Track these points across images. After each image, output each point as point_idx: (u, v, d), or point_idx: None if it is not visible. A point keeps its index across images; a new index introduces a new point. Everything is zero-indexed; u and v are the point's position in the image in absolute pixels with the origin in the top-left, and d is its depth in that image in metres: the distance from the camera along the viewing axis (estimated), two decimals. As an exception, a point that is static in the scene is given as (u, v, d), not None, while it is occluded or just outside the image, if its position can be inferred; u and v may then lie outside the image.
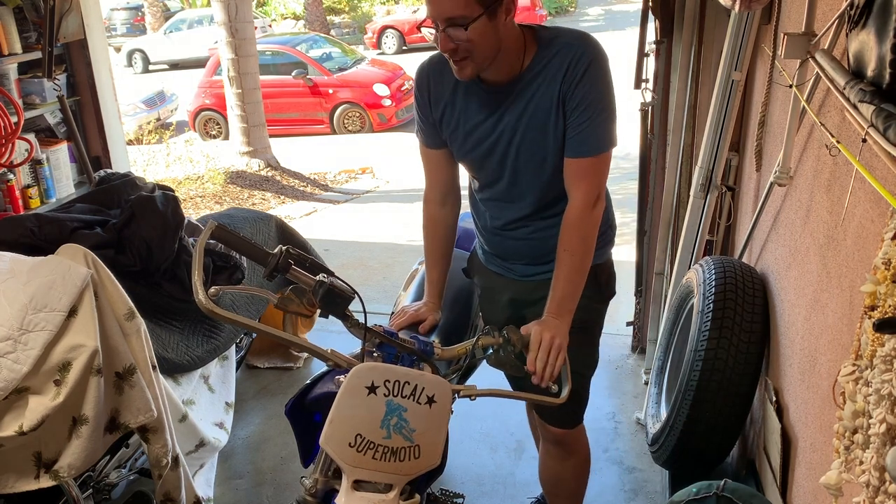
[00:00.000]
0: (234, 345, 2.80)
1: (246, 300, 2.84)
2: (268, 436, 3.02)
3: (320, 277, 1.46)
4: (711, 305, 2.03)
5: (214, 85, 9.86)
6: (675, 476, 2.22)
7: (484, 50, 1.56)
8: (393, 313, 1.99)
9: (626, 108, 1.72)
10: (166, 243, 2.51)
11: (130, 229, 2.46)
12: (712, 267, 2.15)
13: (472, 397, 1.49)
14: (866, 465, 0.94)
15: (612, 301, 1.97)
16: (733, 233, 2.71)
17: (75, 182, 3.52)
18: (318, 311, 1.47)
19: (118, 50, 16.63)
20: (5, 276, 1.76)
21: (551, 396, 1.54)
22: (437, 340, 1.69)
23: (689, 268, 2.52)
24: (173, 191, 2.85)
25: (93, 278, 1.83)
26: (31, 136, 3.22)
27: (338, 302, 1.44)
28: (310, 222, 6.85)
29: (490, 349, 1.59)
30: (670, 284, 2.87)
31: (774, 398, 1.92)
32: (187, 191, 7.57)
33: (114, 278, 1.92)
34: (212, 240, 1.45)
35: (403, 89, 10.44)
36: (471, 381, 1.90)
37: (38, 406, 1.71)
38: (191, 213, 4.99)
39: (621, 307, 3.78)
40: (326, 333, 3.53)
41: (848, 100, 1.06)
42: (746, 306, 2.03)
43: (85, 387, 1.78)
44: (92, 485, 2.17)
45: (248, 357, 3.45)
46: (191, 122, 10.48)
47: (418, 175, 2.03)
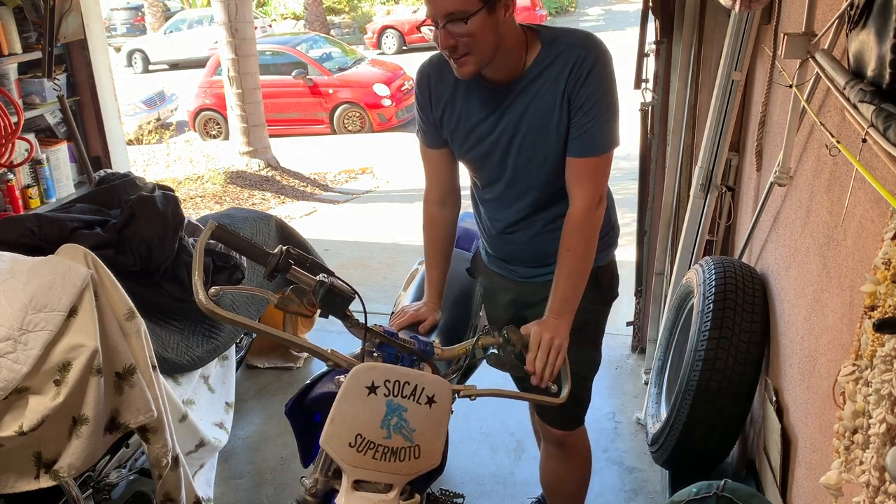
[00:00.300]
0: (234, 345, 2.80)
1: (246, 300, 2.84)
2: (268, 436, 3.02)
3: (320, 277, 1.46)
4: (711, 305, 2.03)
5: (214, 85, 9.86)
6: (675, 476, 2.22)
7: (484, 46, 1.56)
8: (393, 313, 1.99)
9: (627, 108, 1.72)
10: (166, 243, 2.51)
11: (130, 229, 2.46)
12: (712, 267, 2.15)
13: (472, 397, 1.49)
14: (866, 465, 0.94)
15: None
16: (733, 233, 2.71)
17: (75, 182, 3.52)
18: (318, 311, 1.47)
19: (118, 50, 16.63)
20: (5, 276, 1.76)
21: (551, 396, 1.54)
22: (437, 340, 1.69)
23: (689, 268, 2.52)
24: (173, 191, 2.85)
25: (93, 278, 1.83)
26: (31, 136, 3.22)
27: (338, 302, 1.44)
28: (310, 222, 6.85)
29: (490, 349, 1.59)
30: (670, 284, 2.87)
31: (774, 398, 1.92)
32: (187, 191, 7.58)
33: (114, 278, 1.92)
34: (212, 240, 1.45)
35: (403, 89, 10.44)
36: (471, 381, 1.90)
37: (38, 406, 1.71)
38: (191, 213, 4.99)
39: (621, 307, 3.77)
40: (326, 333, 3.54)
41: (848, 100, 1.06)
42: (746, 306, 2.03)
43: (85, 387, 1.78)
44: (92, 485, 2.17)
45: (248, 357, 3.45)
46: (191, 122, 10.48)
47: (418, 175, 2.03)
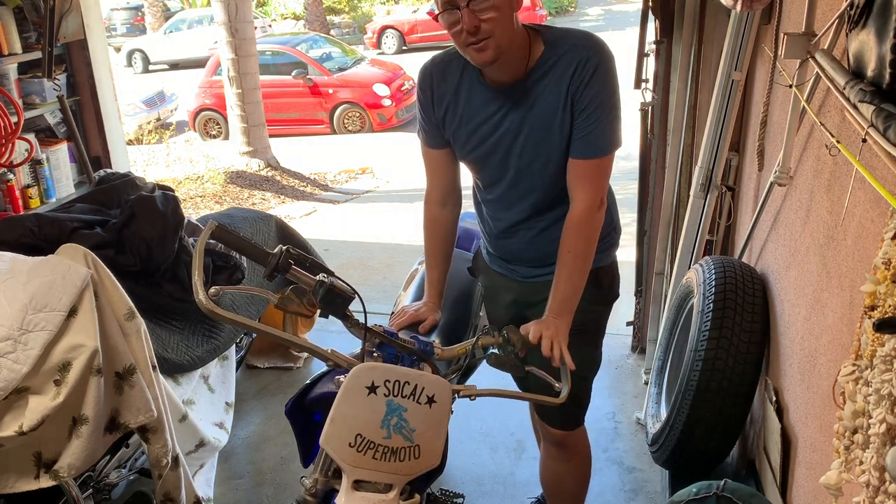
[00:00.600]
0: (234, 345, 2.80)
1: (246, 300, 2.84)
2: (268, 436, 3.02)
3: (320, 277, 1.46)
4: (711, 305, 2.03)
5: (214, 85, 9.85)
6: (675, 476, 2.22)
7: (504, 30, 1.55)
8: (393, 313, 1.99)
9: (627, 108, 1.72)
10: (166, 243, 2.51)
11: (130, 229, 2.46)
12: (712, 267, 2.15)
13: (472, 397, 1.49)
14: (866, 465, 0.94)
15: (613, 301, 1.97)
16: (733, 233, 2.71)
17: (75, 182, 3.52)
18: (318, 311, 1.47)
19: (118, 50, 16.63)
20: (5, 276, 1.76)
21: (551, 397, 1.54)
22: (437, 340, 1.69)
23: (689, 268, 2.52)
24: (173, 191, 2.85)
25: (93, 278, 1.83)
26: (31, 136, 3.22)
27: (338, 302, 1.44)
28: (310, 222, 6.85)
29: (490, 349, 1.59)
30: (670, 284, 2.87)
31: (774, 398, 1.92)
32: (187, 191, 7.57)
33: (114, 278, 1.92)
34: (212, 240, 1.45)
35: (403, 89, 10.44)
36: (471, 381, 1.90)
37: (38, 406, 1.71)
38: (191, 213, 4.98)
39: (621, 307, 3.76)
40: (326, 333, 3.54)
41: (848, 100, 1.06)
42: (746, 306, 2.03)
43: (85, 387, 1.78)
44: (92, 485, 2.17)
45: (248, 357, 3.45)
46: (191, 122, 10.48)
47: (418, 175, 2.03)
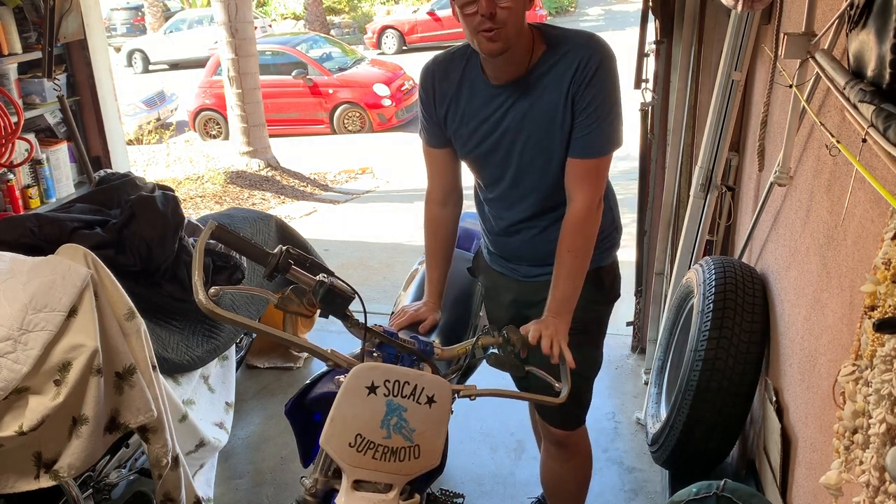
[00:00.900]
0: (234, 345, 2.80)
1: (246, 300, 2.84)
2: (268, 436, 3.02)
3: (320, 277, 1.46)
4: (711, 305, 2.03)
5: (214, 85, 9.85)
6: (675, 476, 2.22)
7: (518, 20, 1.57)
8: (393, 313, 1.99)
9: (627, 108, 1.73)
10: (166, 243, 2.51)
11: (130, 229, 2.46)
12: (712, 267, 2.15)
13: (472, 397, 1.49)
14: (866, 465, 0.94)
15: (612, 301, 1.97)
16: (733, 233, 2.71)
17: (75, 182, 3.52)
18: (318, 311, 1.47)
19: (118, 50, 16.63)
20: (5, 276, 1.76)
21: (551, 396, 1.54)
22: (437, 340, 1.69)
23: (689, 268, 2.52)
24: (173, 191, 2.85)
25: (93, 278, 1.83)
26: (31, 136, 3.22)
27: (338, 302, 1.44)
28: (310, 222, 6.85)
29: (490, 349, 1.59)
30: (670, 284, 2.87)
31: (774, 398, 1.92)
32: (187, 191, 7.57)
33: (114, 278, 1.92)
34: (212, 240, 1.45)
35: (403, 89, 10.43)
36: (471, 381, 1.90)
37: (38, 406, 1.71)
38: (191, 213, 4.99)
39: (621, 307, 3.75)
40: (326, 333, 3.53)
41: (848, 100, 1.06)
42: (746, 306, 2.03)
43: (85, 387, 1.78)
44: (92, 485, 2.17)
45: (248, 357, 3.45)
46: (191, 122, 10.48)
47: (418, 175, 2.03)
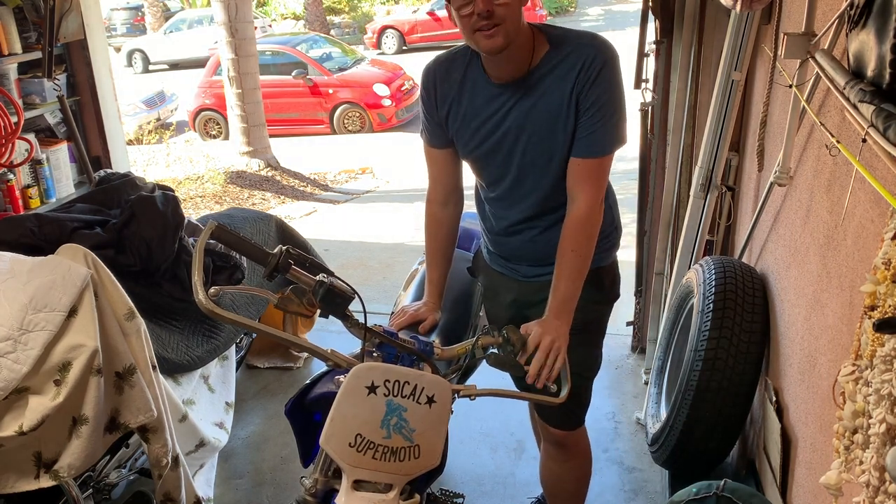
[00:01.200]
0: (234, 345, 2.80)
1: (246, 300, 2.84)
2: (268, 436, 3.02)
3: (320, 277, 1.46)
4: (711, 305, 2.03)
5: (214, 85, 9.85)
6: (675, 476, 2.22)
7: (515, 17, 1.56)
8: (393, 313, 1.98)
9: (627, 108, 1.72)
10: (166, 243, 2.51)
11: (130, 229, 2.46)
12: (712, 267, 2.15)
13: (472, 397, 1.49)
14: (866, 465, 0.94)
15: (612, 301, 1.97)
16: (733, 233, 2.71)
17: (75, 182, 3.52)
18: (318, 311, 1.47)
19: (118, 50, 16.62)
20: (5, 276, 1.76)
21: (551, 396, 1.54)
22: (437, 340, 1.69)
23: (689, 268, 2.52)
24: (173, 191, 2.85)
25: (93, 278, 1.83)
26: (31, 136, 3.22)
27: (338, 302, 1.44)
28: (310, 222, 6.85)
29: (490, 349, 1.59)
30: (670, 284, 2.87)
31: (774, 398, 1.92)
32: (187, 191, 7.57)
33: (114, 278, 1.92)
34: (212, 240, 1.45)
35: (403, 89, 10.43)
36: (471, 381, 1.90)
37: (38, 406, 1.71)
38: (191, 213, 4.99)
39: (621, 307, 3.76)
40: (326, 333, 3.53)
41: (848, 100, 1.06)
42: (746, 306, 2.03)
43: (85, 387, 1.78)
44: (92, 485, 2.17)
45: (248, 357, 3.45)
46: (191, 122, 10.48)
47: (418, 175, 2.03)
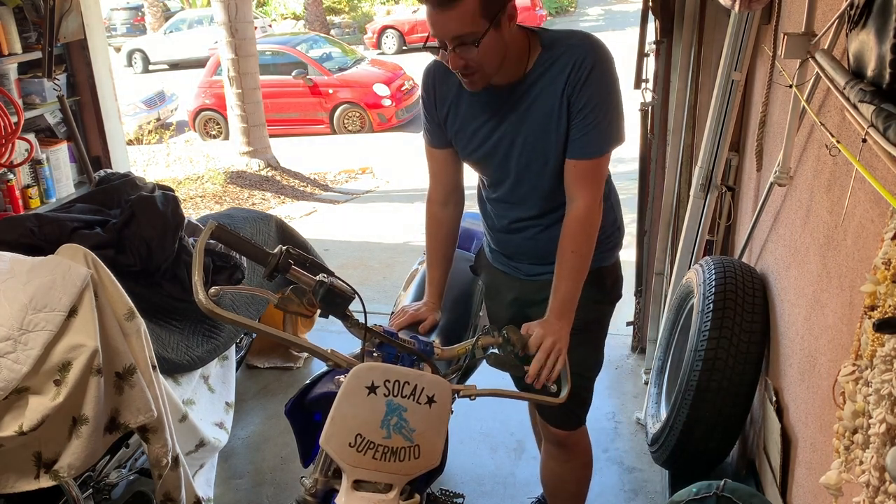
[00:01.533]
0: (234, 345, 2.80)
1: (246, 300, 2.84)
2: (268, 436, 3.02)
3: (320, 277, 1.46)
4: (711, 305, 2.03)
5: (214, 85, 9.85)
6: (675, 476, 2.22)
7: (493, 61, 1.56)
8: (393, 313, 1.98)
9: (627, 108, 1.72)
10: (166, 243, 2.51)
11: (130, 229, 2.46)
12: (712, 267, 2.15)
13: (472, 397, 1.49)
14: (866, 465, 0.94)
15: (613, 301, 1.97)
16: (733, 233, 2.71)
17: (75, 182, 3.52)
18: (318, 311, 1.47)
19: (118, 50, 16.62)
20: (5, 276, 1.76)
21: (551, 396, 1.54)
22: (437, 340, 1.69)
23: (689, 268, 2.52)
24: (173, 191, 2.85)
25: (93, 278, 1.83)
26: (31, 136, 3.22)
27: (338, 302, 1.44)
28: (310, 222, 6.85)
29: (490, 349, 1.59)
30: (670, 284, 2.87)
31: (774, 398, 1.92)
32: (187, 191, 7.57)
33: (114, 278, 1.92)
34: (212, 240, 1.45)
35: (403, 89, 10.44)
36: (471, 381, 1.90)
37: (38, 406, 1.71)
38: (191, 213, 4.99)
39: (621, 307, 3.75)
40: (326, 333, 3.53)
41: (848, 100, 1.06)
42: (746, 306, 2.03)
43: (85, 387, 1.78)
44: (92, 485, 2.17)
45: (248, 357, 3.45)
46: (191, 122, 10.48)
47: (418, 175, 2.04)
